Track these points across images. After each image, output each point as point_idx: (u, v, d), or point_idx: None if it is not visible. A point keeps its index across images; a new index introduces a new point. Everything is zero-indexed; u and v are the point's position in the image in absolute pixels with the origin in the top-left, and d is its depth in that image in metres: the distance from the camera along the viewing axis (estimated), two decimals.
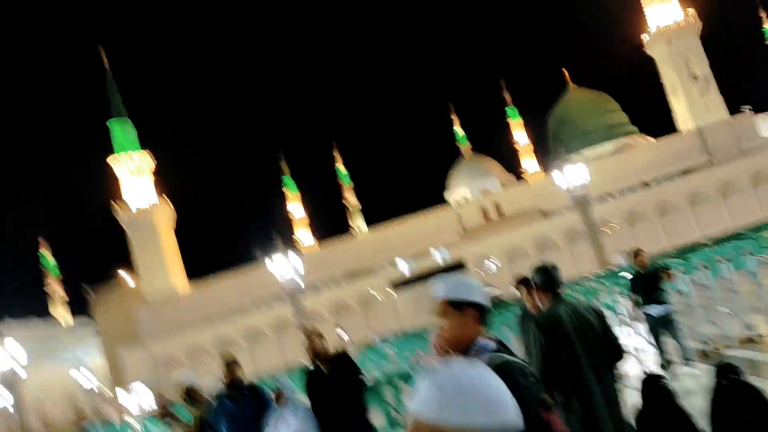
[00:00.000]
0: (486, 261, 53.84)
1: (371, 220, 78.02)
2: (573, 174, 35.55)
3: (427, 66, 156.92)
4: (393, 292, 41.85)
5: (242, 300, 60.16)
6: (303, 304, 37.10)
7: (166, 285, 64.12)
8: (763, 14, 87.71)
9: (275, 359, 52.36)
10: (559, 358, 3.63)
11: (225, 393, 5.39)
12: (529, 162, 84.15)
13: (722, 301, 10.80)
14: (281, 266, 36.60)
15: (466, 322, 2.35)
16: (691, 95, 64.57)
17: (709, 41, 67.04)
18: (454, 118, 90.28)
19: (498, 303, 38.09)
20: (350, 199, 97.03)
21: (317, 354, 4.99)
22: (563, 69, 77.81)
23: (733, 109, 63.88)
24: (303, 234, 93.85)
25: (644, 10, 68.71)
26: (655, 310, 8.65)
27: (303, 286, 38.15)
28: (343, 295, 56.67)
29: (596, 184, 41.11)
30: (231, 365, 5.45)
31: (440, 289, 2.42)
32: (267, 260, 36.85)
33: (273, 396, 4.96)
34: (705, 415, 3.39)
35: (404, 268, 38.74)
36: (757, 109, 64.21)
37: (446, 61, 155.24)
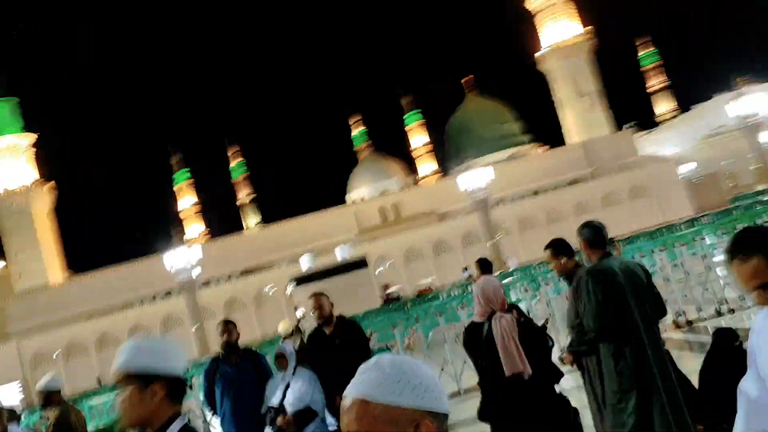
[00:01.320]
0: (387, 263, 54.39)
1: (269, 220, 76.78)
2: (475, 177, 36.61)
3: (331, 66, 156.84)
4: (292, 288, 41.23)
5: (128, 294, 57.11)
6: (196, 298, 35.73)
7: (41, 275, 59.67)
8: (638, 42, 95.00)
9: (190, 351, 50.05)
10: (614, 309, 3.75)
11: (221, 356, 4.98)
12: (427, 166, 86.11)
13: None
14: (176, 259, 35.12)
15: (150, 400, 1.89)
16: (579, 110, 68.54)
17: (599, 60, 71.53)
18: (355, 118, 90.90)
19: (395, 299, 38.97)
20: (244, 195, 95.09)
21: (325, 316, 4.75)
22: (463, 78, 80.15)
23: (618, 125, 68.50)
24: (195, 229, 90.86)
25: (540, 26, 72.17)
26: None
27: (197, 279, 36.76)
28: (237, 291, 55.28)
29: (491, 190, 42.59)
30: (227, 326, 5.05)
31: (121, 356, 1.94)
32: (163, 253, 35.25)
33: (273, 360, 4.67)
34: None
35: (305, 264, 38.20)
36: (638, 127, 69.22)
37: (350, 62, 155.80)
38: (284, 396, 4.38)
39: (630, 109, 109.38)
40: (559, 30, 70.75)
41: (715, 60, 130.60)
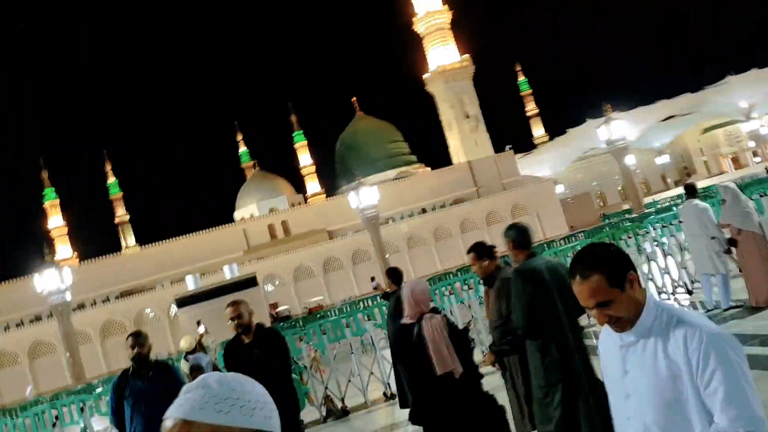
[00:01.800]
0: (275, 281, 53.43)
1: (147, 240, 73.40)
2: (365, 195, 36.81)
3: (218, 81, 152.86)
4: (176, 309, 39.45)
5: None
6: (70, 322, 33.25)
7: None
8: (518, 67, 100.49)
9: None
10: (542, 306, 3.90)
11: (130, 370, 4.56)
12: (312, 185, 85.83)
13: None
14: (47, 281, 32.53)
15: None
16: (464, 131, 71.21)
17: (482, 84, 75.03)
18: (240, 137, 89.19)
19: (285, 318, 38.48)
20: (122, 213, 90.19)
21: (243, 324, 4.47)
22: (353, 97, 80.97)
23: (498, 147, 71.79)
24: (64, 250, 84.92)
25: (427, 50, 74.52)
26: None
27: (69, 301, 34.26)
28: (115, 313, 52.16)
29: (380, 208, 43.00)
30: (137, 339, 4.62)
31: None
32: (29, 275, 32.55)
33: (188, 373, 4.30)
34: None
35: (190, 284, 36.71)
36: (517, 149, 72.86)
37: (238, 77, 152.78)
38: None
39: (511, 131, 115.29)
40: (443, 54, 73.39)
41: (585, 89, 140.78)
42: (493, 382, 5.19)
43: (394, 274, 7.49)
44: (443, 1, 74.01)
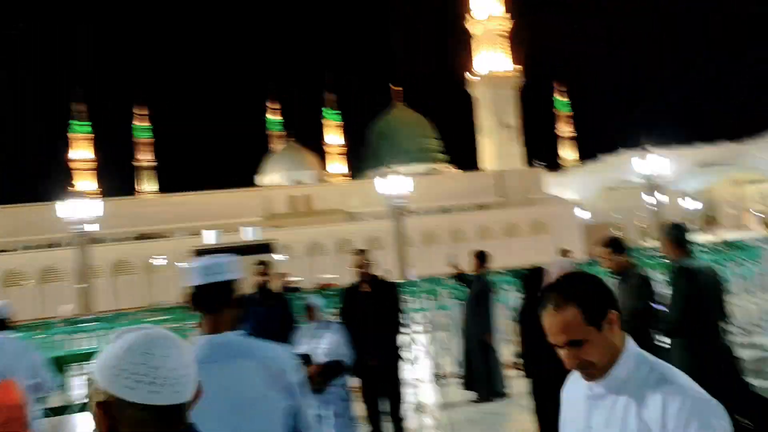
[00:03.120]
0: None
1: (165, 189, 74.15)
2: (395, 184, 37.00)
3: (255, 46, 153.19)
4: (186, 262, 40.11)
5: (5, 238, 53.25)
6: (88, 255, 33.90)
7: None
8: (557, 86, 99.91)
9: (35, 308, 47.06)
10: (696, 305, 4.04)
11: (254, 297, 4.94)
12: (335, 165, 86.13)
13: None
14: (72, 210, 33.13)
15: None
16: (500, 140, 71.06)
17: (523, 96, 74.67)
18: (274, 105, 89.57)
19: (294, 290, 38.80)
20: (143, 158, 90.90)
21: (367, 274, 4.81)
22: (392, 85, 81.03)
23: (529, 160, 71.63)
24: (86, 185, 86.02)
25: (476, 51, 74.26)
26: None
27: (93, 231, 34.90)
28: (129, 254, 53.00)
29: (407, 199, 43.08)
30: (263, 269, 5.02)
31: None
32: (53, 202, 33.21)
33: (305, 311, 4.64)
34: None
35: (209, 238, 37.21)
36: (549, 167, 72.75)
37: (276, 47, 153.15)
38: (313, 347, 4.38)
39: (539, 146, 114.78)
40: (494, 60, 73.12)
41: (622, 119, 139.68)
42: None
43: (482, 257, 7.78)
44: (506, 9, 73.60)
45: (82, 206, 33.45)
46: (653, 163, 36.03)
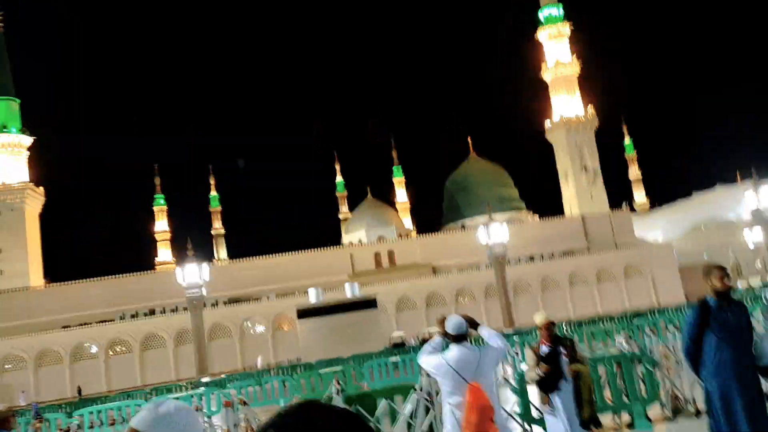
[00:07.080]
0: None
1: (237, 255, 76.14)
2: (494, 232, 36.80)
3: (323, 108, 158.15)
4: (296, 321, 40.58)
5: (108, 307, 55.46)
6: (202, 316, 34.89)
7: (23, 277, 57.72)
8: (624, 127, 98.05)
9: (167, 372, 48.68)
10: None
11: (716, 302, 4.94)
12: (405, 220, 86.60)
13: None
14: (188, 275, 34.37)
15: None
16: (580, 183, 70.10)
17: (601, 138, 73.82)
18: (337, 166, 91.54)
19: (400, 345, 38.41)
20: (218, 227, 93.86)
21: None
22: (467, 137, 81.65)
23: (613, 203, 70.12)
24: (165, 253, 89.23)
25: (551, 98, 74.35)
26: None
27: (202, 297, 35.94)
28: (224, 317, 54.33)
29: (504, 248, 42.57)
30: (726, 273, 5.06)
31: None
32: (176, 269, 34.50)
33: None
34: None
35: (313, 297, 37.64)
36: (633, 207, 70.97)
37: (344, 106, 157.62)
38: None
39: (612, 189, 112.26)
40: (567, 104, 73.00)
41: (689, 156, 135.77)
42: None
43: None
44: (573, 53, 73.88)
45: (195, 271, 34.61)
46: (766, 194, 34.65)
